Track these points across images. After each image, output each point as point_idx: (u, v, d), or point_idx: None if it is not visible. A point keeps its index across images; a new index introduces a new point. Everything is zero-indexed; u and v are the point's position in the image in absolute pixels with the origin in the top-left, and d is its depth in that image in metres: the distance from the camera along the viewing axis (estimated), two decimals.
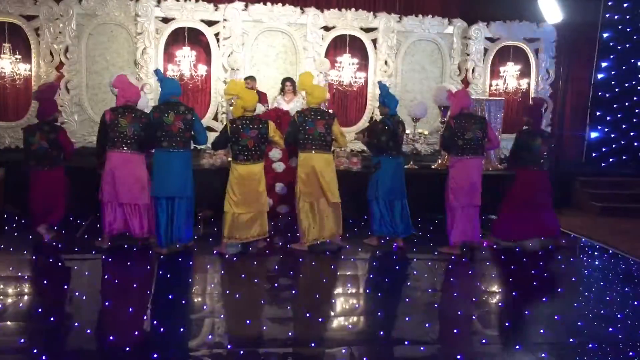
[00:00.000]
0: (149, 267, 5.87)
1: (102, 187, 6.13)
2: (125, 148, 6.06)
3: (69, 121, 9.92)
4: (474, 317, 4.76)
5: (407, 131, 9.14)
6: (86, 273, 5.66)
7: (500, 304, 5.24)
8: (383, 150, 6.55)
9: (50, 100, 6.59)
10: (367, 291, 5.41)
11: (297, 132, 6.32)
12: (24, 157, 6.47)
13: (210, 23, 10.26)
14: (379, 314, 4.75)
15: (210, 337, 4.25)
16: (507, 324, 4.69)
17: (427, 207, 8.08)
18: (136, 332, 4.22)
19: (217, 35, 10.28)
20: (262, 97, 9.26)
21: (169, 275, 5.53)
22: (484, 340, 4.32)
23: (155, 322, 4.42)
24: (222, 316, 4.64)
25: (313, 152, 6.32)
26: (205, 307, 4.84)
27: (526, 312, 4.85)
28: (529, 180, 6.72)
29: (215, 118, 10.40)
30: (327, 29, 10.62)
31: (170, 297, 4.88)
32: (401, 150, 6.81)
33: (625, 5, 10.90)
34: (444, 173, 7.89)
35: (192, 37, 10.27)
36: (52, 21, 9.82)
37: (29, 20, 9.89)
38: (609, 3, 11.01)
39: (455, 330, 4.50)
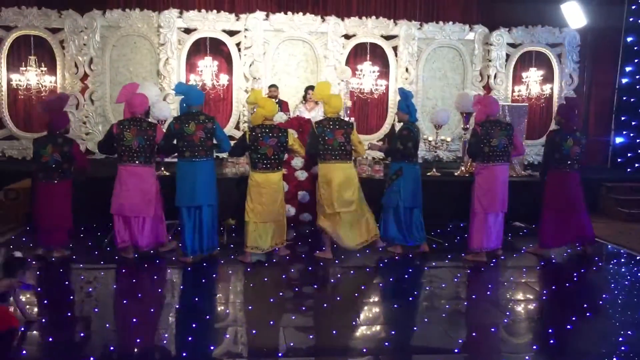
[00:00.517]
0: (174, 276, 5.91)
1: (112, 199, 6.19)
2: (132, 162, 6.09)
3: (93, 132, 10.10)
4: (500, 326, 4.70)
5: (430, 138, 9.14)
6: (111, 283, 5.71)
7: (526, 312, 5.16)
8: (406, 157, 6.52)
9: (61, 112, 6.37)
10: (391, 299, 5.36)
11: (317, 143, 6.31)
12: (34, 169, 6.32)
13: (231, 33, 10.36)
14: (403, 322, 4.72)
15: (233, 345, 4.25)
16: (534, 333, 4.63)
17: (450, 214, 8.04)
18: (164, 341, 4.24)
19: (238, 45, 10.37)
20: (283, 106, 9.31)
21: (193, 284, 5.57)
22: (510, 349, 4.27)
23: (179, 331, 4.44)
24: (245, 325, 4.63)
25: (333, 162, 6.30)
26: (228, 316, 4.84)
27: (554, 321, 4.78)
28: (561, 182, 6.58)
29: (237, 127, 10.47)
30: (347, 37, 10.66)
31: (194, 305, 4.91)
32: (417, 157, 6.78)
33: None
34: (466, 180, 7.86)
35: (213, 47, 10.37)
36: (77, 33, 10.00)
37: (54, 32, 10.08)
38: (633, 7, 10.87)
39: (481, 339, 4.45)
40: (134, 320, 4.63)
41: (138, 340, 4.24)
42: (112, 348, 4.09)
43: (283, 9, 10.56)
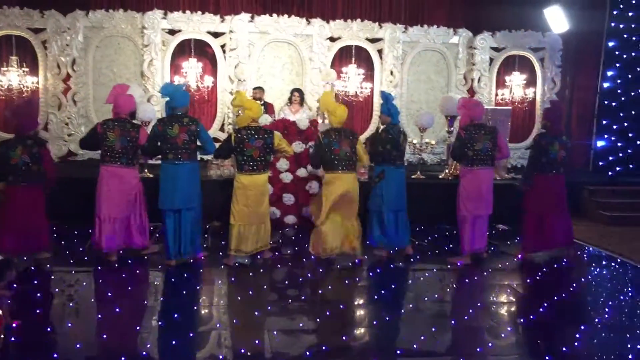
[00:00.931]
0: (156, 280, 5.86)
1: (95, 200, 6.13)
2: (114, 162, 6.05)
3: (75, 133, 9.99)
4: (484, 328, 4.73)
5: (414, 141, 9.16)
6: (91, 286, 5.63)
7: (509, 315, 5.19)
8: (387, 159, 6.52)
9: (29, 115, 6.23)
10: (377, 302, 5.37)
11: (324, 154, 6.23)
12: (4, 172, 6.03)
13: (216, 35, 10.32)
14: (389, 325, 4.73)
15: (217, 349, 4.22)
16: (518, 335, 4.66)
17: (434, 217, 8.07)
18: (147, 344, 4.21)
19: (223, 46, 10.34)
20: (269, 108, 9.30)
21: (176, 288, 5.53)
22: (495, 352, 4.29)
23: (162, 335, 4.41)
24: (229, 329, 4.61)
25: (340, 172, 6.22)
26: (211, 319, 4.81)
27: (537, 323, 4.81)
28: (547, 186, 6.59)
29: (222, 129, 10.43)
30: (332, 39, 10.67)
31: (177, 309, 4.87)
32: (403, 160, 6.77)
33: (630, 14, 10.89)
34: (451, 183, 7.90)
35: (198, 49, 10.32)
36: (60, 34, 9.90)
37: (37, 33, 9.97)
38: (614, 12, 11.01)
39: (467, 342, 4.47)
40: (115, 325, 4.59)
41: (119, 345, 4.20)
42: (93, 353, 4.06)
43: (268, 11, 10.55)
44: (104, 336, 4.32)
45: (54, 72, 9.98)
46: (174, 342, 4.20)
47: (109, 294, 5.25)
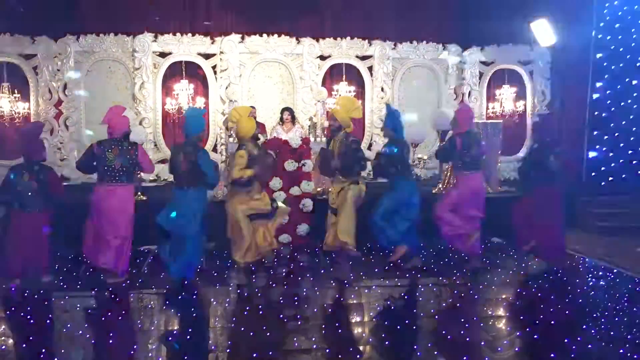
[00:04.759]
0: (151, 302, 5.82)
1: (90, 218, 6.14)
2: (114, 181, 6.06)
3: (68, 158, 9.96)
4: (482, 343, 4.70)
5: None
6: (87, 309, 5.58)
7: (507, 329, 5.17)
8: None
9: (36, 140, 6.25)
10: (373, 320, 5.33)
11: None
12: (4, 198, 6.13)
13: (207, 56, 10.38)
14: (385, 343, 4.71)
15: None
16: (516, 349, 4.64)
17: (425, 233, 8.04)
18: None
19: (214, 67, 10.39)
20: (261, 128, 9.30)
21: (173, 309, 5.49)
22: None
23: (161, 358, 4.37)
24: (225, 350, 4.58)
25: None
26: (209, 341, 4.78)
27: (533, 336, 4.79)
28: (539, 197, 6.75)
29: (215, 149, 10.43)
30: (322, 58, 10.74)
31: (172, 332, 4.84)
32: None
33: (616, 25, 10.99)
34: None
35: (189, 71, 10.37)
36: (51, 59, 9.94)
37: (27, 59, 9.99)
38: (601, 24, 11.11)
39: (463, 357, 4.44)
40: (109, 349, 4.56)
41: None
42: None
43: (258, 31, 10.62)
44: None
45: (46, 98, 10.01)
46: None
47: (102, 318, 5.21)
